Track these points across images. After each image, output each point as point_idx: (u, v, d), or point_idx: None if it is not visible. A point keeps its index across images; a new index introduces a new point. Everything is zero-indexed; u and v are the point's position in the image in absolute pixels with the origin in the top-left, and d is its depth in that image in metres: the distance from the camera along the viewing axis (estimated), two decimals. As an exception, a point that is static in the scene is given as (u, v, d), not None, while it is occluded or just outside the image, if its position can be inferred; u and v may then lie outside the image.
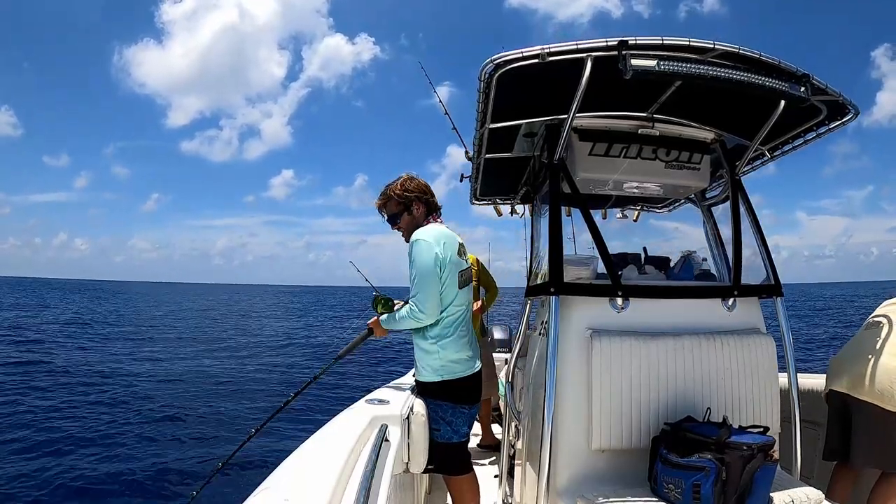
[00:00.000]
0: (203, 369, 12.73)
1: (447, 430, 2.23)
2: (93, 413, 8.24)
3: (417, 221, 2.31)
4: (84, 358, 12.75)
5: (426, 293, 2.14)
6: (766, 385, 2.13)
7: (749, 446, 1.65)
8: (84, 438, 6.94)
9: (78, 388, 9.80)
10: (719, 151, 2.58)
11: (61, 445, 6.58)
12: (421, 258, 2.14)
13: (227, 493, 4.91)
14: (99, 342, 17.23)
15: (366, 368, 11.88)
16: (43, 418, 7.72)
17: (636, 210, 3.63)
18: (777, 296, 2.31)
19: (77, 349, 14.36)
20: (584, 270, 2.32)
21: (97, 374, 11.37)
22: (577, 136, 2.39)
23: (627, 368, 1.98)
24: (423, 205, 2.32)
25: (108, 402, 9.00)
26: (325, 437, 1.70)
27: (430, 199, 2.35)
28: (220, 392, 10.39)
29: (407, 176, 2.36)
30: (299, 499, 1.17)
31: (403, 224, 2.34)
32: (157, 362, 13.48)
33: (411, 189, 2.31)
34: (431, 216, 2.34)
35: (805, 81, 1.99)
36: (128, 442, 7.00)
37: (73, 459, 6.10)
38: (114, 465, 6.06)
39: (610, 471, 1.99)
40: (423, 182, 2.36)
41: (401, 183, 2.33)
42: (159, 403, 9.05)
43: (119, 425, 7.69)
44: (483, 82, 1.99)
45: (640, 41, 1.83)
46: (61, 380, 10.52)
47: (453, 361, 2.21)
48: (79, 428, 7.37)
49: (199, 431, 7.60)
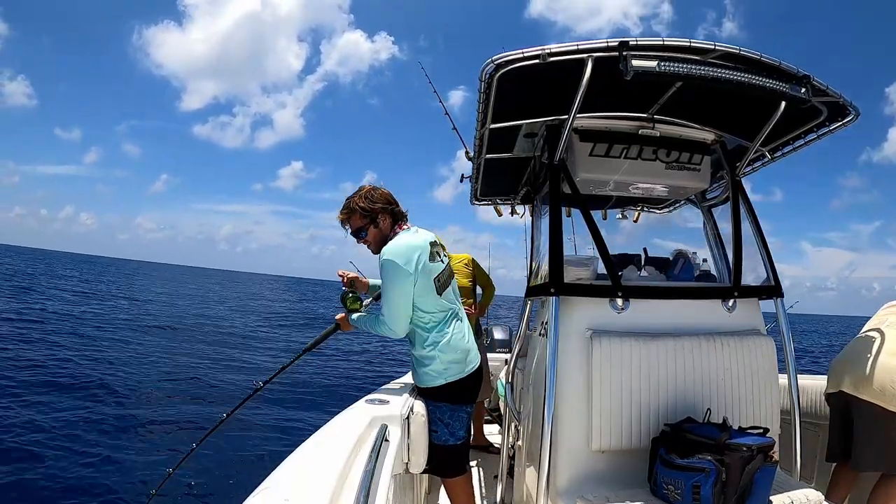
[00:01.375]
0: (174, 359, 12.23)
1: (444, 433, 2.23)
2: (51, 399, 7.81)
3: (384, 233, 2.25)
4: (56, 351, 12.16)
5: (395, 313, 2.15)
6: (766, 386, 2.13)
7: (749, 447, 1.65)
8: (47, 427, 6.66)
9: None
10: (720, 152, 2.58)
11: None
12: (388, 278, 2.12)
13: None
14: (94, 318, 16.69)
15: (364, 370, 11.86)
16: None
17: (636, 211, 3.64)
18: (777, 297, 2.31)
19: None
20: (585, 271, 2.32)
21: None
22: (578, 137, 2.39)
23: (627, 369, 1.98)
24: (389, 215, 2.26)
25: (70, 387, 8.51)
26: (325, 437, 1.70)
27: (396, 208, 2.28)
28: (183, 389, 10.05)
29: (370, 187, 2.29)
30: (299, 499, 1.17)
31: (370, 237, 2.27)
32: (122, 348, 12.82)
33: (376, 200, 2.23)
34: (398, 225, 2.27)
35: (806, 82, 1.99)
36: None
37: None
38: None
39: (610, 471, 1.99)
40: (387, 192, 2.29)
41: (363, 195, 2.25)
42: (118, 397, 8.68)
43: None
44: (483, 82, 1.99)
45: (641, 42, 1.83)
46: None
47: (453, 362, 2.21)
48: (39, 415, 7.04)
49: (159, 430, 7.35)
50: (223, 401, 8.03)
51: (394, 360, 12.84)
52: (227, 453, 5.62)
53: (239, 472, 5.19)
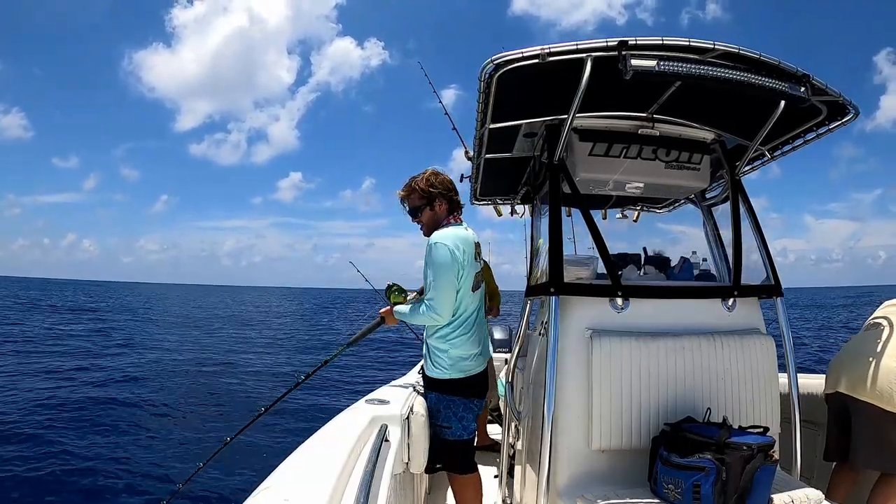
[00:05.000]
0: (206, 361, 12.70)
1: (458, 427, 2.24)
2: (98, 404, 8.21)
3: (438, 218, 2.31)
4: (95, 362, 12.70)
5: (443, 296, 2.17)
6: (766, 385, 2.13)
7: (749, 446, 1.65)
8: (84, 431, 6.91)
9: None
10: (719, 152, 2.58)
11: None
12: (439, 262, 2.15)
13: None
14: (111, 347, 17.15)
15: (367, 368, 11.87)
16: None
17: (636, 210, 3.64)
18: (777, 296, 2.31)
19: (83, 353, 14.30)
20: (584, 270, 2.32)
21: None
22: (578, 137, 2.39)
23: (627, 369, 1.98)
24: (447, 202, 2.32)
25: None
26: (325, 437, 1.70)
27: (454, 196, 2.34)
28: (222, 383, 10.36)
29: (433, 171, 2.35)
30: (299, 499, 1.17)
31: (424, 218, 2.34)
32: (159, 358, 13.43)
33: (436, 185, 2.30)
34: (453, 215, 2.33)
35: (805, 82, 1.99)
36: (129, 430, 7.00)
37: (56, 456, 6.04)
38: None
39: (610, 471, 1.99)
40: (449, 178, 2.35)
41: (426, 177, 2.32)
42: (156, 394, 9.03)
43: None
44: (483, 82, 1.99)
45: (640, 41, 1.83)
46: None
47: (464, 359, 2.25)
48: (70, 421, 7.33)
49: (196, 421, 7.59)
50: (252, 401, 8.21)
51: (394, 361, 12.87)
52: (258, 452, 5.70)
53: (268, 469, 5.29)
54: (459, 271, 2.17)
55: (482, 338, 2.37)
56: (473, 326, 2.29)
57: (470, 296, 2.26)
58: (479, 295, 2.36)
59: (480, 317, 2.38)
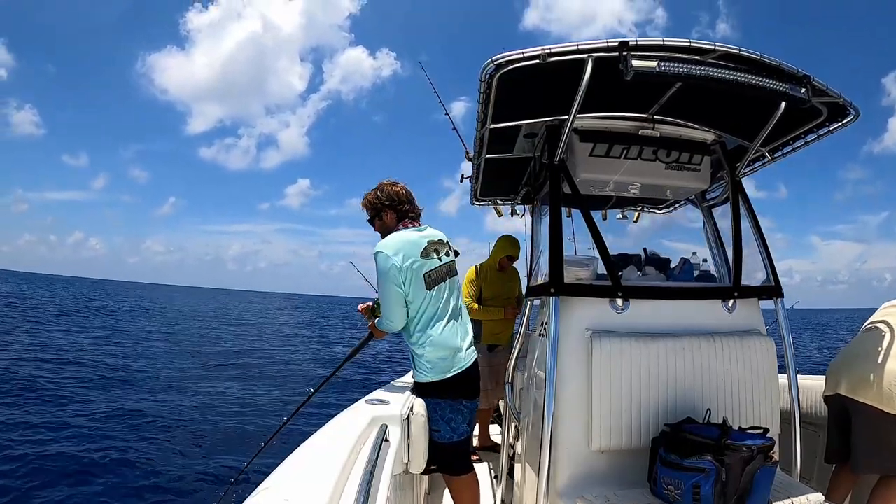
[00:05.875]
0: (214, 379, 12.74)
1: (447, 430, 2.23)
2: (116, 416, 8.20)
3: (388, 227, 2.38)
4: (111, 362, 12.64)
5: (387, 304, 2.26)
6: (766, 386, 2.13)
7: (749, 448, 1.65)
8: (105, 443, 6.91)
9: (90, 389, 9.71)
10: (720, 153, 2.58)
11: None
12: (379, 270, 2.23)
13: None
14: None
15: (365, 369, 11.86)
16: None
17: (636, 211, 3.64)
18: (777, 297, 2.31)
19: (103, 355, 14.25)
20: (585, 271, 2.32)
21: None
22: (578, 137, 2.39)
23: (627, 369, 1.98)
24: (393, 212, 2.38)
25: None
26: (325, 437, 1.70)
27: (399, 206, 2.38)
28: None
29: (381, 184, 2.43)
30: (299, 499, 1.17)
31: (377, 228, 2.44)
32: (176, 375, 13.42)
33: (381, 197, 2.39)
34: (403, 223, 2.36)
35: (806, 83, 1.99)
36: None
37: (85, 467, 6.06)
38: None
39: (610, 471, 1.99)
40: (399, 190, 2.39)
41: (374, 191, 2.42)
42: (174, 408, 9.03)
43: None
44: (484, 83, 1.99)
45: (641, 42, 1.83)
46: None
47: (443, 359, 2.23)
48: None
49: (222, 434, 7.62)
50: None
51: (394, 362, 12.86)
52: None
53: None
54: (401, 275, 2.19)
55: (460, 334, 2.32)
56: (442, 324, 2.26)
57: (425, 295, 2.23)
58: (442, 292, 2.30)
59: (453, 313, 2.34)
